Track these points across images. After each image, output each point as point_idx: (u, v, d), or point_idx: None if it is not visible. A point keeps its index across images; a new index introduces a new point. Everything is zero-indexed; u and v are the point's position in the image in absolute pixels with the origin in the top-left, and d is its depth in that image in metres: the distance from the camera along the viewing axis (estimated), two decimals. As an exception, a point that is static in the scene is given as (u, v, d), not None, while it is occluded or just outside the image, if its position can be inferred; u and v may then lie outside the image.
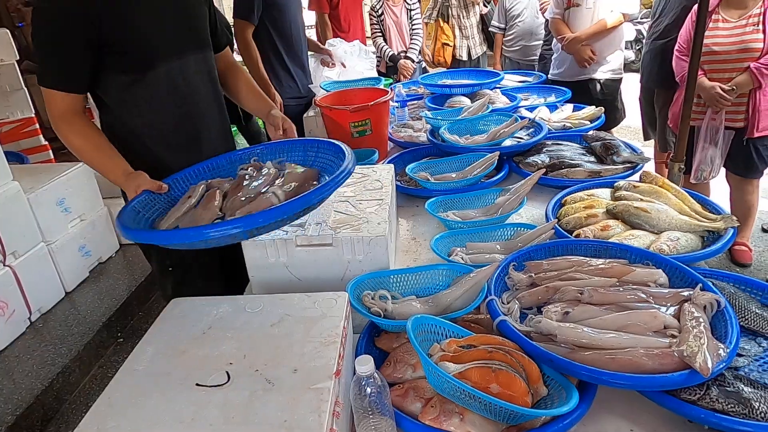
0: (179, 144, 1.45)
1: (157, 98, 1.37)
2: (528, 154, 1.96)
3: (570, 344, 0.96)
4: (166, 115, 1.41)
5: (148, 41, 1.31)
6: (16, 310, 2.36)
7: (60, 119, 1.27)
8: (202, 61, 1.45)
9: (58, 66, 1.25)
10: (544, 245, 1.28)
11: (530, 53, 4.08)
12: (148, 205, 1.19)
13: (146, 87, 1.35)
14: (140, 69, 1.32)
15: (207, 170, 1.33)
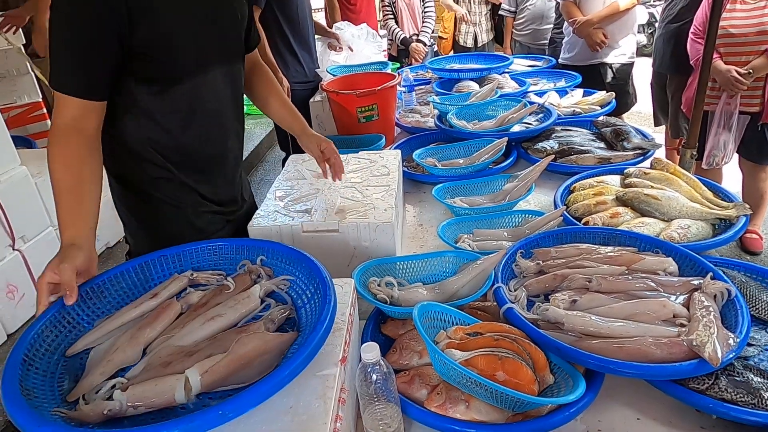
0: (198, 162, 1.28)
1: (180, 112, 1.20)
2: (537, 139, 1.94)
3: (577, 332, 0.95)
4: (189, 130, 1.23)
5: (177, 48, 1.13)
6: (26, 294, 2.38)
7: (60, 132, 1.04)
8: (230, 74, 1.28)
9: (78, 67, 1.04)
10: (552, 232, 1.27)
11: (541, 37, 4.01)
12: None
13: (171, 99, 1.17)
14: (166, 79, 1.15)
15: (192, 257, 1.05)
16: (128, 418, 0.73)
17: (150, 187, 1.25)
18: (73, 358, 0.86)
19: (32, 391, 0.75)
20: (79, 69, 1.04)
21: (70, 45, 1.03)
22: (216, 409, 0.64)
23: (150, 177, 1.24)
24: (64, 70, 1.05)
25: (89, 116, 1.07)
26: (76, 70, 1.04)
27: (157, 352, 0.84)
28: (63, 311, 0.89)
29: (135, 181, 1.26)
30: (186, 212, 1.30)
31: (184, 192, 1.28)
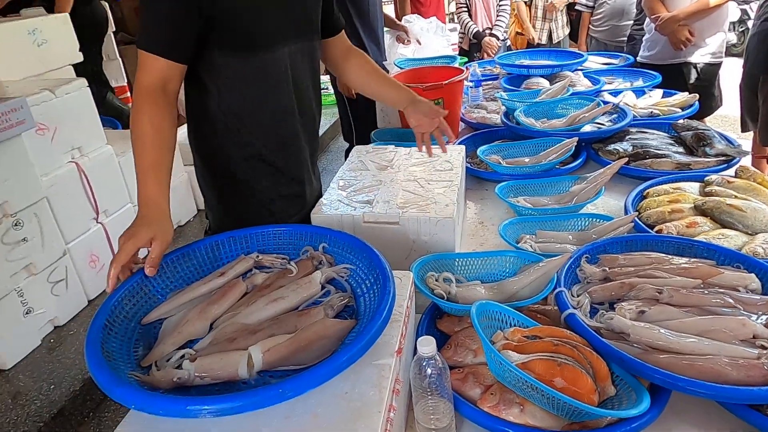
0: (276, 136, 1.31)
1: (261, 83, 1.23)
2: (609, 141, 1.85)
3: (643, 345, 0.91)
4: (268, 102, 1.26)
5: (258, 19, 1.16)
6: (105, 264, 2.57)
7: (146, 91, 1.09)
8: (308, 51, 1.30)
9: (164, 29, 1.10)
10: (621, 238, 1.21)
11: (619, 33, 3.82)
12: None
13: (252, 70, 1.21)
14: (248, 49, 1.18)
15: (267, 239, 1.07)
16: (195, 387, 0.78)
17: (230, 164, 1.31)
18: (147, 327, 0.92)
19: (111, 354, 0.81)
20: (164, 31, 1.10)
21: (157, 9, 1.09)
22: (276, 386, 0.66)
23: (230, 153, 1.29)
24: (151, 31, 1.11)
25: (171, 79, 1.12)
26: (162, 32, 1.10)
27: (223, 327, 0.88)
28: (141, 283, 0.96)
29: (216, 157, 1.31)
30: (262, 195, 1.35)
31: (261, 170, 1.32)
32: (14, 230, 2.06)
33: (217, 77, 1.21)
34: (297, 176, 1.39)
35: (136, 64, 1.14)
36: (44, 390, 2.00)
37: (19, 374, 2.08)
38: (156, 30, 1.10)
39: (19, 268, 2.09)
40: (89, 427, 2.02)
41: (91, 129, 2.53)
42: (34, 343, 2.20)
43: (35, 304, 2.17)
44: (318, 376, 0.69)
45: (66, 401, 1.96)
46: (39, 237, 2.16)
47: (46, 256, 2.21)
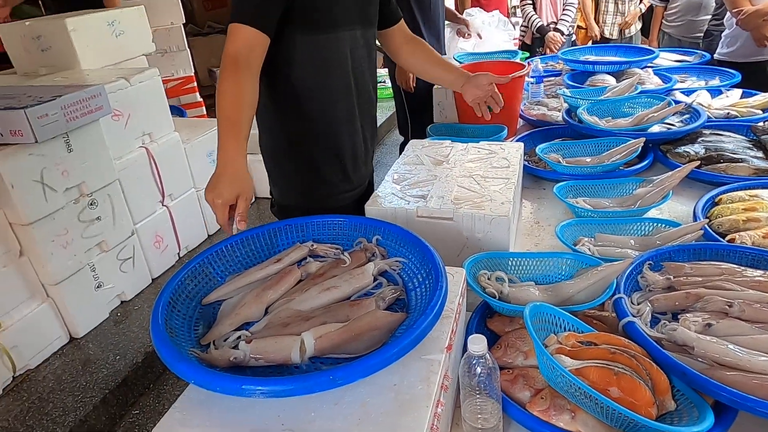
0: (340, 117, 1.44)
1: (330, 62, 1.36)
2: (679, 143, 1.75)
3: (709, 360, 0.86)
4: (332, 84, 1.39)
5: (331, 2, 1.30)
6: (169, 245, 2.72)
7: (232, 57, 1.18)
8: (367, 37, 1.44)
9: (253, 3, 1.21)
10: (688, 246, 1.15)
11: (695, 29, 3.59)
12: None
13: (325, 48, 1.33)
14: (317, 29, 1.31)
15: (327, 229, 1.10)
16: (249, 368, 0.81)
17: (293, 139, 1.43)
18: (207, 307, 0.96)
19: (174, 330, 0.85)
20: (254, 4, 1.21)
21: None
22: (328, 373, 0.68)
23: (294, 129, 1.40)
24: (242, 5, 1.21)
25: (254, 47, 1.21)
26: (252, 5, 1.21)
27: (278, 312, 0.91)
28: (202, 265, 1.00)
29: (281, 132, 1.44)
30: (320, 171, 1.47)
31: (320, 146, 1.44)
32: (90, 209, 2.21)
33: (288, 54, 1.32)
34: (352, 155, 1.50)
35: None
36: (110, 360, 2.14)
37: (89, 343, 2.23)
38: (246, 4, 1.21)
39: (93, 245, 2.24)
40: (149, 397, 2.15)
41: (161, 116, 2.67)
42: (103, 315, 2.36)
43: (105, 279, 2.33)
44: (369, 366, 0.70)
45: (129, 372, 2.10)
46: (111, 216, 2.31)
47: (117, 234, 2.36)
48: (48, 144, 1.97)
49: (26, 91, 2.03)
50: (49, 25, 2.64)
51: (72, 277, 2.15)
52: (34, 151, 1.94)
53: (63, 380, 2.04)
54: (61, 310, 2.17)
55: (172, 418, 0.73)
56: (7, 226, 1.95)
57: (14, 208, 1.92)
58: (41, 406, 1.93)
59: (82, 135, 2.11)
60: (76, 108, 1.99)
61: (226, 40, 1.22)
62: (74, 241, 2.13)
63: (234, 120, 1.14)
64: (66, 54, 2.64)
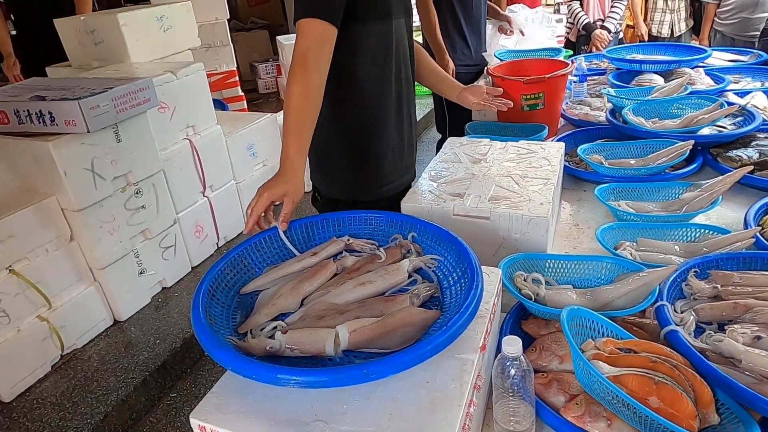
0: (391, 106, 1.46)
1: (381, 53, 1.38)
2: (731, 146, 1.68)
3: (757, 374, 0.82)
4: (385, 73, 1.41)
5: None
6: (208, 234, 2.79)
7: (302, 56, 1.18)
8: (409, 25, 1.47)
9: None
10: (738, 254, 1.10)
11: (751, 27, 3.41)
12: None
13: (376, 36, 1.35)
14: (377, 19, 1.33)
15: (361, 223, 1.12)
16: (284, 357, 0.82)
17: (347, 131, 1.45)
18: (244, 297, 0.99)
19: (213, 318, 0.88)
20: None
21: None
22: (362, 367, 0.69)
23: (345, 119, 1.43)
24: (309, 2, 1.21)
25: (325, 41, 1.22)
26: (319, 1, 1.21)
27: (313, 305, 0.93)
28: (241, 255, 1.03)
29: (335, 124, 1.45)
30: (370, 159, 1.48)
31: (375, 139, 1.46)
32: (135, 198, 2.29)
33: (345, 44, 1.30)
34: (400, 146, 1.52)
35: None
36: (151, 343, 2.22)
37: (132, 327, 2.33)
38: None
39: (137, 232, 2.33)
40: (186, 381, 2.23)
41: (204, 109, 2.74)
42: (145, 300, 2.45)
43: (148, 265, 2.41)
44: (402, 361, 0.70)
45: (168, 356, 2.17)
46: (155, 205, 2.40)
47: (160, 223, 2.44)
48: (99, 134, 2.06)
49: (80, 83, 2.13)
50: (102, 20, 2.75)
51: (117, 263, 2.24)
52: (86, 141, 2.03)
53: (107, 361, 2.14)
54: (106, 293, 2.27)
55: (209, 403, 0.75)
56: (59, 211, 2.05)
57: (66, 194, 2.01)
58: (86, 385, 2.03)
59: (130, 126, 2.19)
60: (126, 100, 2.07)
61: (296, 38, 1.21)
62: (120, 227, 2.22)
63: (299, 123, 1.17)
64: (117, 48, 2.74)
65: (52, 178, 1.99)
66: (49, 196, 2.02)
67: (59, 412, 1.91)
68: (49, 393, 2.00)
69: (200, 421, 0.72)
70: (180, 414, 2.07)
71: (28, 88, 2.13)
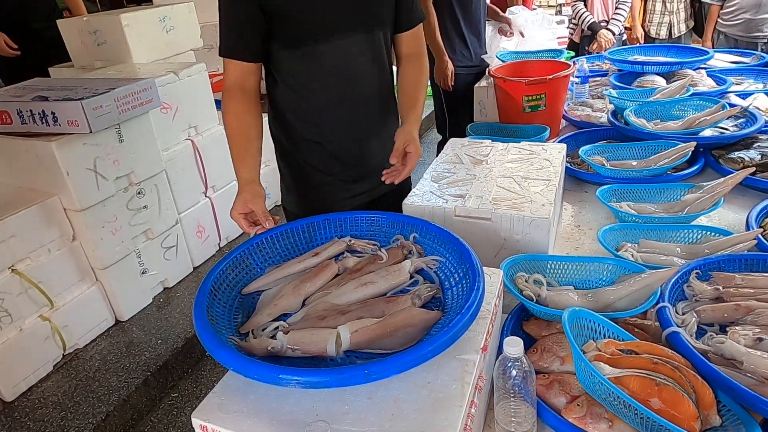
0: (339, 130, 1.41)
1: (318, 75, 1.32)
2: (733, 148, 1.68)
3: (759, 376, 0.82)
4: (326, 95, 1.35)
5: (311, 10, 1.25)
6: (210, 235, 2.80)
7: (229, 91, 1.27)
8: (368, 42, 1.34)
9: (231, 35, 1.25)
10: (740, 256, 1.10)
11: (754, 29, 3.40)
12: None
13: (309, 62, 1.30)
14: (303, 43, 1.27)
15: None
16: (286, 358, 0.83)
17: (294, 147, 1.44)
18: (246, 297, 0.99)
19: (215, 318, 0.88)
20: (234, 35, 1.25)
21: (225, 15, 1.25)
22: (363, 367, 0.69)
23: (293, 137, 1.42)
24: (224, 38, 1.26)
25: (249, 77, 1.29)
26: (232, 39, 1.25)
27: (315, 305, 0.93)
28: (243, 255, 1.03)
29: (283, 140, 1.46)
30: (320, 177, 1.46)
31: (319, 153, 1.43)
32: (137, 198, 2.30)
33: (277, 69, 1.34)
34: (352, 163, 1.46)
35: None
36: (152, 343, 2.23)
37: (133, 327, 2.33)
38: (227, 38, 1.26)
39: (139, 233, 2.34)
40: (188, 381, 2.23)
41: (206, 110, 2.75)
42: (147, 300, 2.45)
43: (150, 265, 2.42)
44: (404, 362, 0.70)
45: (170, 356, 2.18)
46: (157, 206, 2.40)
47: (162, 223, 2.45)
48: (101, 134, 2.07)
49: (82, 83, 2.13)
50: (105, 21, 2.76)
51: (119, 263, 2.25)
52: (89, 141, 2.03)
53: (108, 360, 2.14)
54: (108, 293, 2.27)
55: (210, 402, 0.75)
56: (61, 211, 2.06)
57: (69, 194, 2.02)
58: (88, 384, 2.03)
59: (133, 126, 2.20)
60: (128, 100, 2.07)
61: (223, 75, 1.29)
62: (122, 228, 2.23)
63: (241, 148, 1.25)
64: (120, 48, 2.75)
65: (54, 178, 2.00)
66: (51, 196, 2.02)
67: (61, 411, 1.92)
68: (51, 392, 2.00)
69: (202, 421, 0.73)
70: (181, 414, 2.07)
71: (31, 88, 2.13)
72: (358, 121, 1.42)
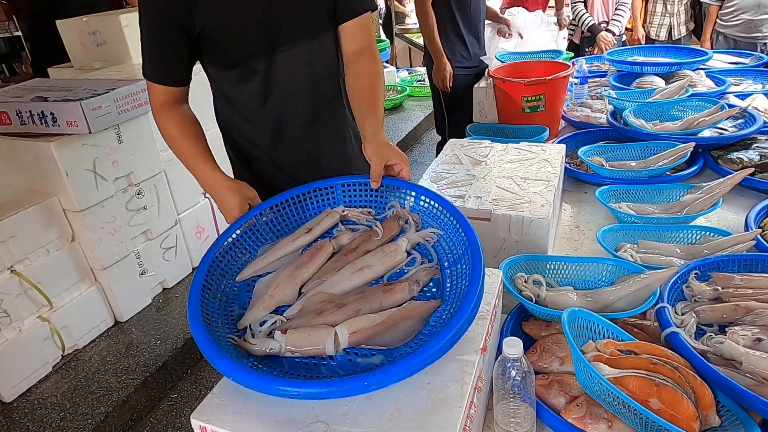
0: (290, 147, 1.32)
1: (256, 95, 1.24)
2: (732, 148, 1.68)
3: (758, 376, 0.82)
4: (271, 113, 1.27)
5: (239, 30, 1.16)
6: (210, 235, 2.80)
7: (159, 110, 1.19)
8: (312, 49, 1.23)
9: (155, 58, 1.16)
10: (739, 256, 1.10)
11: (754, 29, 3.41)
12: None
13: (247, 83, 1.23)
14: (237, 64, 1.20)
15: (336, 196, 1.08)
16: (285, 358, 0.82)
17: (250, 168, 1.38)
18: (241, 286, 0.97)
19: (211, 315, 0.87)
20: (157, 59, 1.17)
21: (147, 38, 1.15)
22: (362, 378, 0.69)
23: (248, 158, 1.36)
24: (146, 60, 1.18)
25: (175, 96, 1.21)
26: (155, 61, 1.17)
27: (311, 298, 0.91)
28: (234, 239, 1.02)
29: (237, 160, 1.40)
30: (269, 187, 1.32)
31: (283, 177, 1.36)
32: (137, 198, 2.30)
33: (220, 91, 1.30)
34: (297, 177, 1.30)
35: None
36: (152, 344, 2.22)
37: (132, 327, 2.33)
38: (150, 60, 1.17)
39: (138, 233, 2.34)
40: (187, 382, 2.23)
41: (205, 109, 2.72)
42: (146, 301, 2.45)
43: (149, 266, 2.42)
44: (403, 370, 0.70)
45: (169, 357, 2.17)
46: (156, 206, 2.40)
47: (161, 224, 2.44)
48: (100, 135, 2.06)
49: (82, 84, 2.13)
50: (104, 21, 2.76)
51: (119, 263, 2.25)
52: (88, 141, 2.03)
53: (107, 361, 2.14)
54: (107, 294, 2.27)
55: (210, 404, 0.75)
56: (61, 212, 2.06)
57: (68, 195, 2.02)
58: (87, 385, 2.03)
59: (131, 127, 2.20)
60: (128, 101, 2.07)
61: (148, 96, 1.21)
62: (122, 228, 2.23)
63: (194, 148, 1.18)
64: (119, 49, 2.75)
65: (53, 178, 2.00)
66: (50, 197, 2.02)
67: (60, 412, 1.91)
68: (50, 393, 2.00)
69: (201, 422, 0.73)
70: (181, 415, 2.07)
71: (30, 89, 2.13)
72: (311, 135, 1.33)
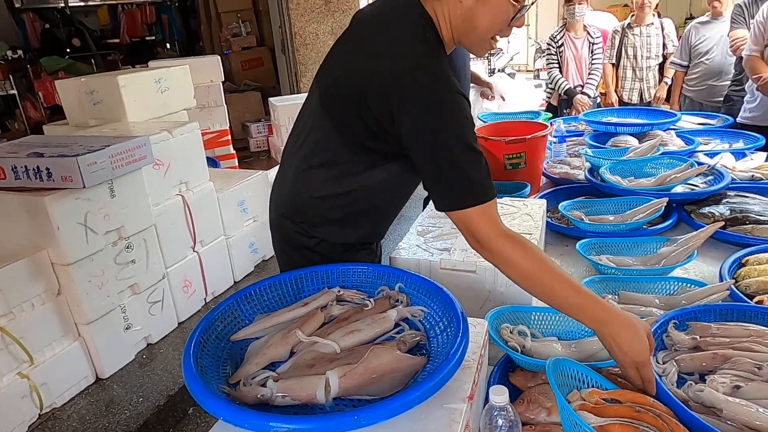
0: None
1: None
2: (703, 203, 1.77)
3: (738, 423, 0.85)
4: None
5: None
6: (197, 290, 2.78)
7: (503, 236, 1.03)
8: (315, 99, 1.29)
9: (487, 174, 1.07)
10: (715, 306, 1.14)
11: (717, 93, 3.65)
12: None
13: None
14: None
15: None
16: (275, 406, 0.83)
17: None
18: (234, 347, 1.00)
19: (204, 368, 0.89)
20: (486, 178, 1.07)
21: (477, 157, 1.08)
22: (352, 414, 0.70)
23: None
24: (486, 177, 1.08)
25: None
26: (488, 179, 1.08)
27: (303, 354, 0.94)
28: (232, 307, 1.05)
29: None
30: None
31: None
32: (126, 252, 2.30)
33: (377, 172, 1.23)
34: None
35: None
36: (133, 401, 2.16)
37: (114, 384, 2.26)
38: (489, 176, 1.09)
39: (125, 287, 2.32)
40: (168, 442, 2.15)
41: (198, 166, 2.81)
42: (129, 357, 2.40)
43: (134, 320, 2.38)
44: (392, 408, 0.72)
45: (151, 414, 2.10)
46: (145, 260, 2.40)
47: (149, 278, 2.43)
48: (94, 189, 2.09)
49: (77, 140, 2.19)
50: (103, 81, 2.86)
51: (103, 318, 2.21)
52: (81, 196, 2.06)
53: (86, 420, 2.06)
54: (90, 349, 2.22)
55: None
56: (49, 266, 2.05)
57: (58, 248, 2.02)
58: (62, 447, 1.95)
59: (125, 182, 2.24)
60: (123, 157, 2.12)
61: (485, 223, 1.04)
62: (109, 282, 2.21)
63: (573, 288, 0.99)
64: (115, 107, 2.83)
65: (45, 232, 2.00)
66: (40, 250, 2.02)
67: (33, 476, 1.83)
68: (24, 456, 1.91)
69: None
70: (160, 478, 1.98)
71: (26, 145, 2.18)
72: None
